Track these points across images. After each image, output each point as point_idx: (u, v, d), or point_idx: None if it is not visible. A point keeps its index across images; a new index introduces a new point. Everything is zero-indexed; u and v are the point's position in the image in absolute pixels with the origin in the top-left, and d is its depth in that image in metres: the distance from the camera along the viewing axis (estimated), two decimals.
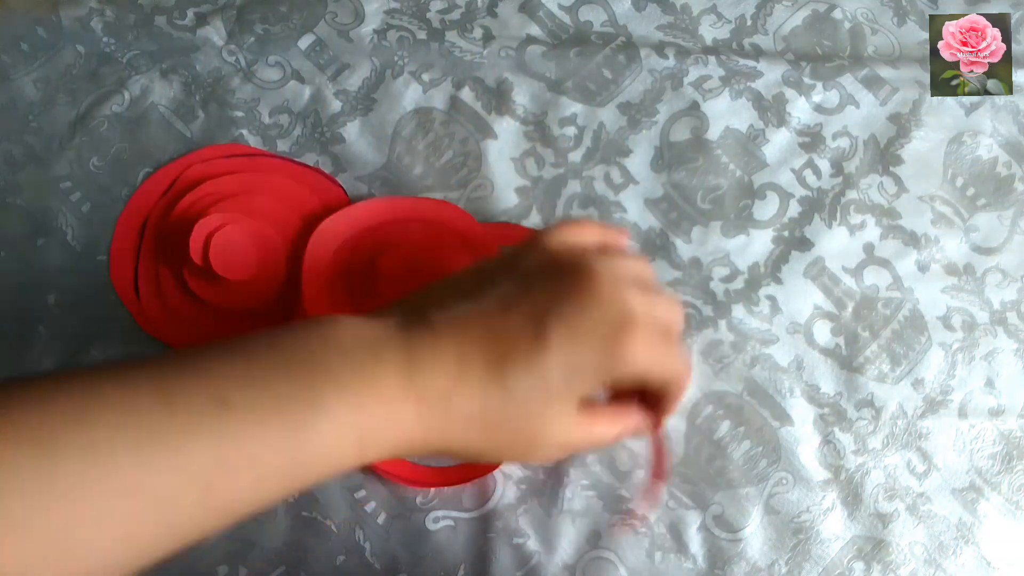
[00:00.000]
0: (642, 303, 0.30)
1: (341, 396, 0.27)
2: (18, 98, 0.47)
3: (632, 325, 0.29)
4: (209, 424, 0.24)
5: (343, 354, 0.28)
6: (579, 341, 0.29)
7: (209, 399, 0.24)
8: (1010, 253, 0.46)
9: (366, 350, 0.28)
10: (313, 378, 0.27)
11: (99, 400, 0.23)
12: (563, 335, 0.29)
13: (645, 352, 0.29)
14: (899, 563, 0.41)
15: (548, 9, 0.49)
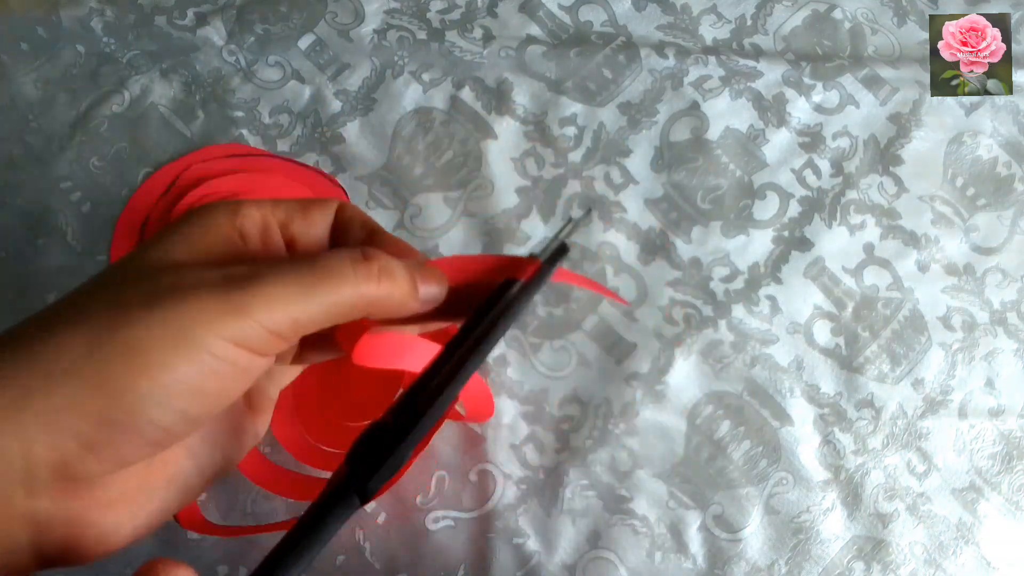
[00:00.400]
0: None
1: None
2: (18, 98, 0.47)
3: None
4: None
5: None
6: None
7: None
8: (1010, 253, 0.46)
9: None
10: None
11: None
12: None
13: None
14: (899, 563, 0.41)
15: (548, 9, 0.49)
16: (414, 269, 0.26)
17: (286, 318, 0.23)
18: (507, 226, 0.45)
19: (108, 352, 0.21)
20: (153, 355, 0.21)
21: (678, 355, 0.43)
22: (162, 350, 0.21)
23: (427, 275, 0.26)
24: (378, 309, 0.25)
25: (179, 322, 0.21)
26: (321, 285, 0.23)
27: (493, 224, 0.45)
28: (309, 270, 0.23)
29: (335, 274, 0.24)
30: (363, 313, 0.25)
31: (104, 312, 0.22)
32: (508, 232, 0.45)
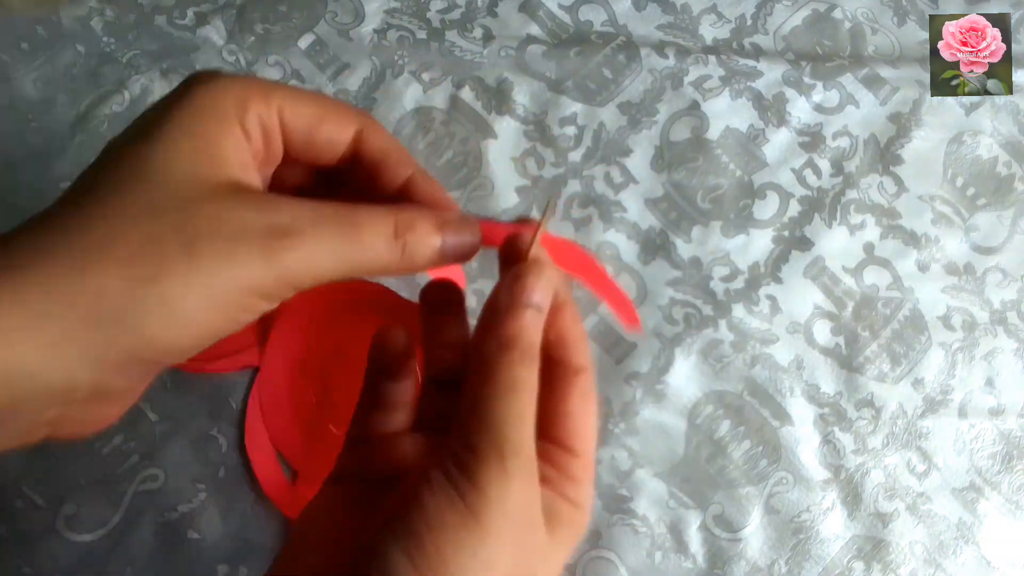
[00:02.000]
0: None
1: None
2: (18, 98, 0.47)
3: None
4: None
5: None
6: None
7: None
8: (1010, 253, 0.46)
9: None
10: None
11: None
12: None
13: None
14: (899, 563, 0.41)
15: (548, 9, 0.49)
16: (444, 225, 0.25)
17: (313, 278, 0.23)
18: None
19: (147, 306, 0.21)
20: (190, 314, 0.22)
21: (678, 355, 0.43)
22: (198, 309, 0.22)
23: (458, 228, 0.26)
24: (392, 274, 0.25)
25: (219, 282, 0.22)
26: (355, 254, 0.23)
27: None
28: (349, 236, 0.23)
29: (370, 247, 0.24)
30: (379, 275, 0.26)
31: (139, 252, 0.21)
32: None
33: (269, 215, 0.23)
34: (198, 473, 0.41)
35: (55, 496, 0.40)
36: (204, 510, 0.40)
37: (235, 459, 0.41)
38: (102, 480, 0.40)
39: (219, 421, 0.41)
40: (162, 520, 0.40)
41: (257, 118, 0.24)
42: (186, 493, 0.40)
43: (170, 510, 0.40)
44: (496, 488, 0.22)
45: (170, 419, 0.41)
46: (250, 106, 0.24)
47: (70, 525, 0.40)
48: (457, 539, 0.22)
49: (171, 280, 0.21)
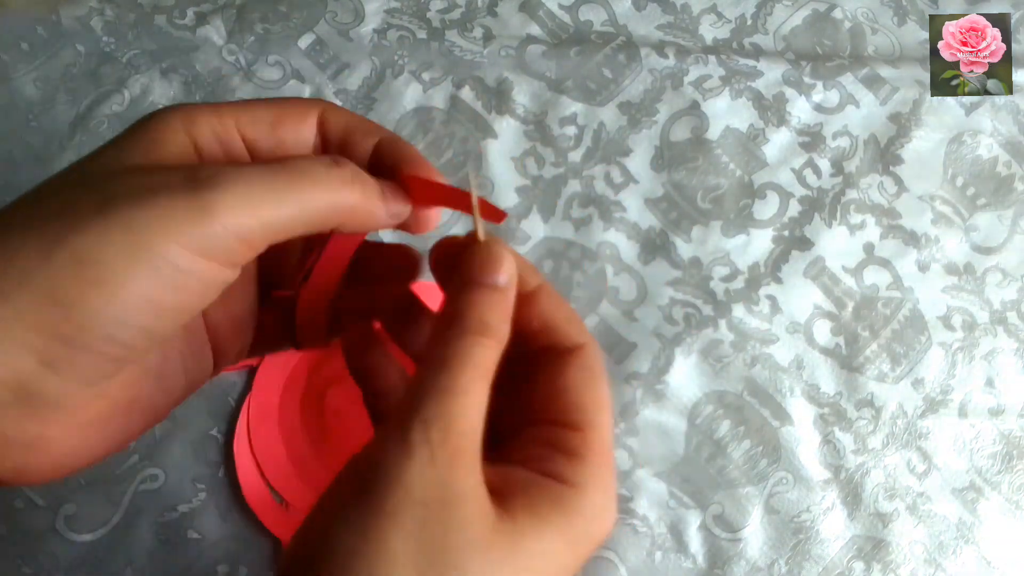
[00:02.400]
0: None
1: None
2: (18, 97, 0.47)
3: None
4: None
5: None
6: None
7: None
8: (1010, 253, 0.46)
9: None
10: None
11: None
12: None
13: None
14: (899, 563, 0.41)
15: (548, 8, 0.49)
16: (383, 183, 0.24)
17: (256, 222, 0.20)
18: (507, 225, 0.45)
19: (59, 263, 0.19)
20: (107, 267, 0.19)
21: (678, 355, 0.43)
22: (117, 261, 0.19)
23: (395, 190, 0.24)
24: (349, 219, 0.23)
25: (136, 229, 0.19)
26: (293, 186, 0.21)
27: (493, 223, 0.45)
28: (281, 170, 0.21)
29: (308, 176, 0.21)
30: (335, 222, 0.23)
31: (55, 219, 0.20)
32: (508, 232, 0.45)
33: (189, 168, 0.21)
34: (198, 473, 0.41)
35: (55, 496, 0.40)
36: (204, 510, 0.40)
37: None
38: (102, 480, 0.40)
39: (219, 421, 0.41)
40: (162, 520, 0.40)
41: (210, 131, 0.23)
42: (186, 493, 0.40)
43: (170, 510, 0.40)
44: (394, 464, 0.20)
45: (170, 419, 0.41)
46: (198, 120, 0.23)
47: (70, 525, 0.40)
48: (347, 519, 0.20)
49: (82, 235, 0.19)
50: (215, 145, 0.23)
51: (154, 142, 0.22)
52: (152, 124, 0.23)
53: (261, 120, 0.24)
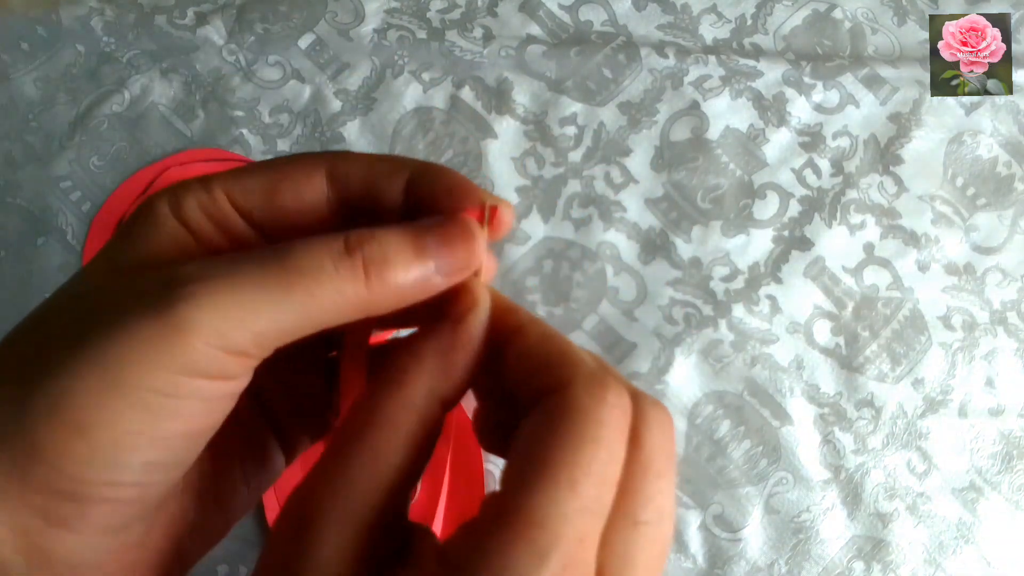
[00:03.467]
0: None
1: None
2: (18, 97, 0.47)
3: None
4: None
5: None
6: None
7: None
8: (1010, 253, 0.46)
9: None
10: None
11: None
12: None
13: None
14: (899, 563, 0.41)
15: (548, 8, 0.49)
16: (428, 232, 0.19)
17: (247, 334, 0.17)
18: None
19: (35, 412, 0.17)
20: (84, 410, 0.16)
21: (678, 355, 0.43)
22: (94, 402, 0.16)
23: (446, 234, 0.19)
24: (378, 307, 0.19)
25: (108, 363, 0.16)
26: (292, 289, 0.17)
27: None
28: (275, 267, 0.18)
29: (308, 273, 0.18)
30: (359, 315, 0.19)
31: (32, 362, 0.17)
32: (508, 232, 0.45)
33: (170, 271, 0.18)
34: None
35: None
36: None
37: None
38: None
39: None
40: None
41: (197, 207, 0.20)
42: None
43: None
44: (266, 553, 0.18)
45: None
46: (185, 200, 0.20)
47: None
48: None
49: (55, 378, 0.17)
50: (206, 224, 0.20)
51: (142, 237, 0.20)
52: (140, 216, 0.20)
53: (254, 190, 0.20)
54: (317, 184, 0.21)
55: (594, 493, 0.17)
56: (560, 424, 0.17)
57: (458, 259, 0.19)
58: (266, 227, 0.21)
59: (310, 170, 0.21)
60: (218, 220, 0.20)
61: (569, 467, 0.16)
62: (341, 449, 0.18)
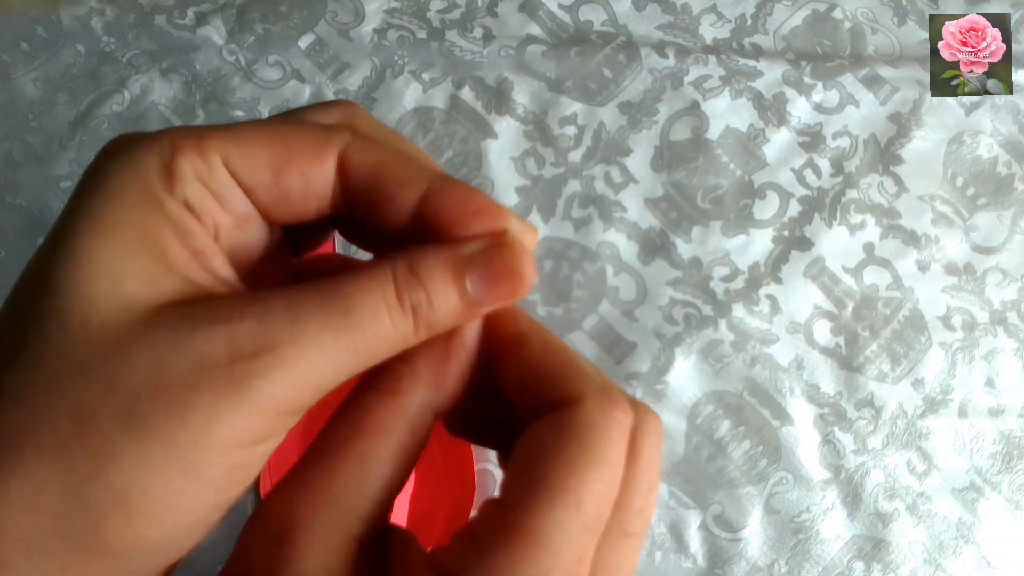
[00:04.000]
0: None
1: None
2: (18, 97, 0.47)
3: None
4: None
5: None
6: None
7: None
8: (1010, 253, 0.46)
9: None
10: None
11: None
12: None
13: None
14: (899, 563, 0.41)
15: (548, 8, 0.49)
16: (466, 264, 0.18)
17: (313, 394, 0.17)
18: None
19: (93, 503, 0.15)
20: (157, 499, 0.16)
21: (678, 355, 0.43)
22: (167, 489, 0.16)
23: (488, 260, 0.18)
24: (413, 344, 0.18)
25: (181, 448, 0.16)
26: (356, 347, 0.17)
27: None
28: (340, 325, 0.17)
29: (369, 328, 0.17)
30: (390, 356, 0.18)
31: (70, 436, 0.15)
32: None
33: (228, 335, 0.16)
34: None
35: None
36: None
37: None
38: None
39: None
40: None
41: (195, 180, 0.17)
42: None
43: None
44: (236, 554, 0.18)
45: None
46: (179, 167, 0.17)
47: None
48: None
49: (120, 465, 0.15)
50: (207, 200, 0.18)
51: (135, 238, 0.17)
52: (125, 198, 0.17)
53: (259, 163, 0.18)
54: (327, 168, 0.19)
55: (596, 513, 0.17)
56: (571, 442, 0.17)
57: (502, 296, 0.18)
58: (265, 206, 0.19)
59: (322, 150, 0.18)
60: (217, 193, 0.18)
61: (577, 488, 0.16)
62: (327, 456, 0.17)
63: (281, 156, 0.18)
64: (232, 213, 0.18)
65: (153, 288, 0.17)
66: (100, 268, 0.17)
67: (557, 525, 0.16)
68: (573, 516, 0.16)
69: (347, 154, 0.19)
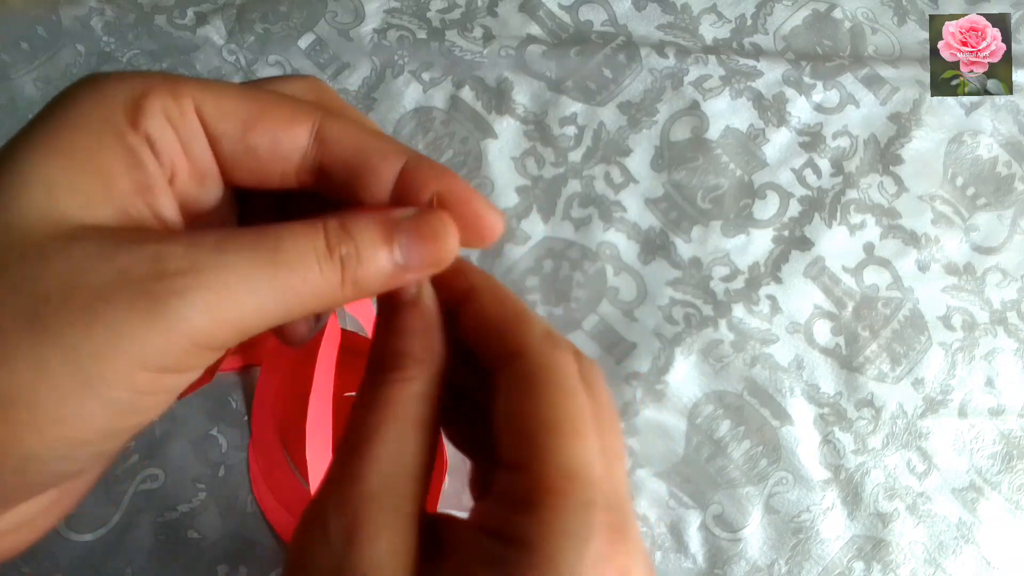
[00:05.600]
0: None
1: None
2: (18, 97, 0.47)
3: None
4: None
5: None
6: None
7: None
8: (1010, 252, 0.46)
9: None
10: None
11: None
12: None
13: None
14: (899, 563, 0.41)
15: (548, 8, 0.49)
16: (396, 227, 0.19)
17: (230, 330, 0.17)
18: (507, 225, 0.45)
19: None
20: (45, 407, 0.15)
21: (678, 355, 0.43)
22: (58, 399, 0.15)
23: (418, 227, 0.19)
24: (347, 300, 0.18)
25: (81, 359, 0.15)
26: (280, 286, 0.17)
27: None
28: (267, 264, 0.17)
29: (297, 271, 0.17)
30: (327, 307, 0.18)
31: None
32: (508, 231, 0.45)
33: (154, 253, 0.16)
34: (198, 473, 0.41)
35: None
36: (204, 510, 0.40)
37: (235, 459, 0.41)
38: (102, 479, 0.40)
39: (219, 421, 0.41)
40: (162, 520, 0.40)
41: (163, 118, 0.17)
42: (186, 493, 0.40)
43: (170, 510, 0.40)
44: (295, 550, 0.18)
45: (170, 419, 0.41)
46: (149, 104, 0.17)
47: (70, 524, 0.40)
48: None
49: (10, 369, 0.15)
50: (170, 140, 0.18)
51: (84, 159, 0.17)
52: (83, 121, 0.17)
53: (230, 114, 0.18)
54: (299, 135, 0.19)
55: (594, 431, 0.18)
56: (536, 385, 0.18)
57: (427, 261, 0.19)
58: (229, 162, 0.19)
59: (296, 116, 0.19)
60: (182, 137, 0.18)
61: (564, 420, 0.18)
62: (364, 448, 0.18)
63: (254, 112, 0.18)
64: (193, 161, 0.18)
65: (89, 209, 0.16)
66: (37, 179, 0.16)
67: (572, 456, 0.17)
68: (579, 442, 0.17)
69: (326, 125, 0.19)
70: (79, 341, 0.15)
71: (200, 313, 0.16)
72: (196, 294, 0.16)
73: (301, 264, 0.17)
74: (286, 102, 0.19)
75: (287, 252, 0.17)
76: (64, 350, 0.15)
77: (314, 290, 0.17)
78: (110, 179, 0.17)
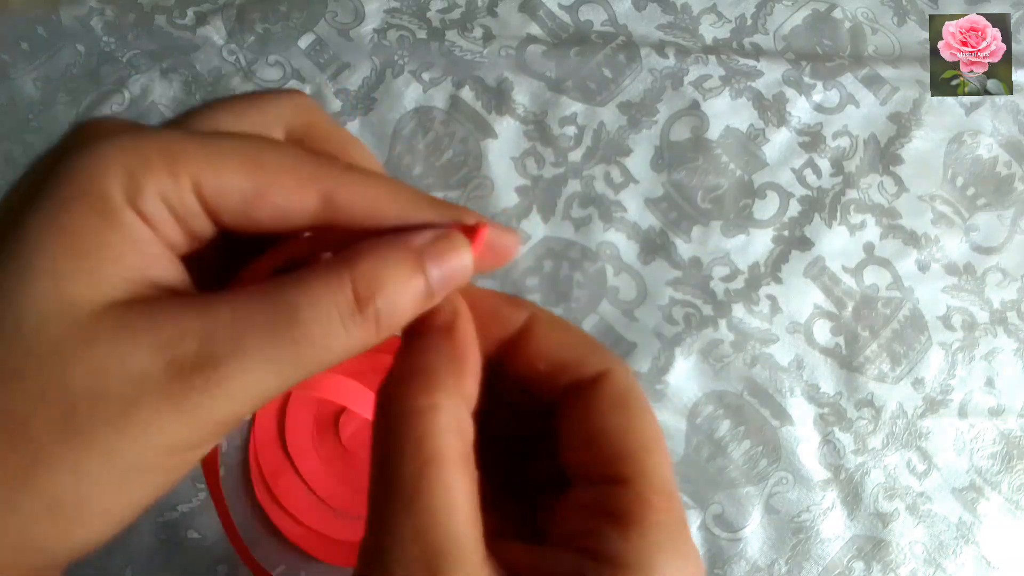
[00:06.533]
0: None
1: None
2: (18, 97, 0.47)
3: None
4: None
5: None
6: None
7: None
8: (1010, 253, 0.46)
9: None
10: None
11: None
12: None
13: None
14: (899, 563, 0.41)
15: (548, 8, 0.49)
16: (423, 253, 0.18)
17: (253, 407, 0.17)
18: (507, 225, 0.45)
19: (29, 511, 0.16)
20: (90, 505, 0.16)
21: (678, 355, 0.43)
22: (100, 495, 0.16)
23: (441, 246, 0.18)
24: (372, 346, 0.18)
25: (118, 456, 0.16)
26: (302, 357, 0.17)
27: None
28: (286, 340, 0.16)
29: (319, 341, 0.17)
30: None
31: (7, 446, 0.15)
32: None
33: (169, 344, 0.16)
34: (198, 473, 0.41)
35: None
36: (204, 510, 0.40)
37: (235, 459, 0.41)
38: None
39: None
40: (162, 520, 0.40)
41: (159, 199, 0.17)
42: (186, 493, 0.40)
43: (170, 510, 0.40)
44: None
45: None
46: (146, 183, 0.17)
47: None
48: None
49: (54, 473, 0.15)
50: (168, 220, 0.17)
51: (86, 242, 0.16)
52: (81, 201, 0.17)
53: (232, 190, 0.17)
54: (307, 202, 0.18)
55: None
56: (631, 402, 0.19)
57: (451, 279, 0.18)
58: (229, 226, 0.18)
59: (304, 184, 0.18)
60: (181, 217, 0.17)
61: (658, 437, 0.19)
62: (414, 495, 0.17)
63: (260, 186, 0.17)
64: (191, 233, 0.18)
65: (96, 288, 0.16)
66: (41, 268, 0.16)
67: (665, 474, 0.18)
68: (667, 459, 0.19)
69: (336, 192, 0.18)
70: (113, 444, 0.16)
71: (221, 402, 0.16)
72: (217, 388, 0.16)
73: (323, 334, 0.17)
74: (293, 170, 0.18)
75: (306, 325, 0.16)
76: (101, 453, 0.16)
77: (340, 354, 0.17)
78: (112, 257, 0.17)
